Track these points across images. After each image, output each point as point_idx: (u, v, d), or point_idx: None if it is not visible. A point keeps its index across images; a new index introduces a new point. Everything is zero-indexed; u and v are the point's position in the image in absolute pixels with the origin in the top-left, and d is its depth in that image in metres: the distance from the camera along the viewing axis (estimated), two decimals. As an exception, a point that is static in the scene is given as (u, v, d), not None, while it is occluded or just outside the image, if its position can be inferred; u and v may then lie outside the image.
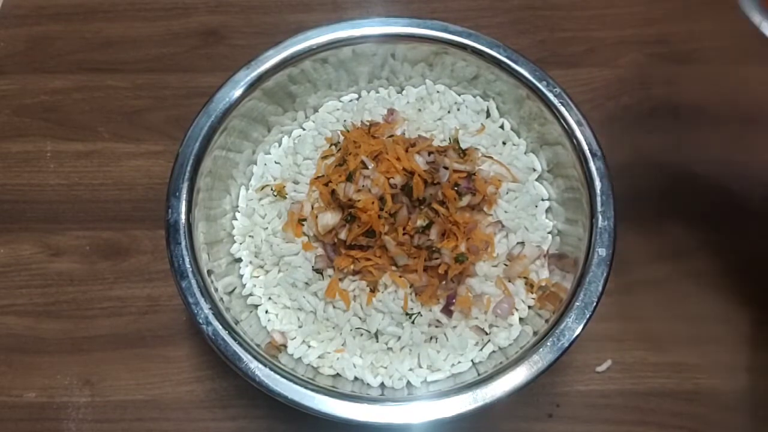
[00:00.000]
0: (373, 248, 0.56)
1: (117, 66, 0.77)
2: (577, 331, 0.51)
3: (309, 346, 0.57)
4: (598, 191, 0.56)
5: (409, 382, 0.55)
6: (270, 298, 0.60)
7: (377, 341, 0.56)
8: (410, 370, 0.56)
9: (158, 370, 0.61)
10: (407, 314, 0.56)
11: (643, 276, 0.66)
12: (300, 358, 0.57)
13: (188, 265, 0.53)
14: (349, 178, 0.57)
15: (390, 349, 0.57)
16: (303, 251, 0.58)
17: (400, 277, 0.56)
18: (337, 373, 0.56)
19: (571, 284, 0.53)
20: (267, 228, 0.61)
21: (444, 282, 0.56)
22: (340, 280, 0.57)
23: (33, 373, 0.61)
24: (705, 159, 0.71)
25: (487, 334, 0.57)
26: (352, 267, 0.56)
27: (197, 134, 0.58)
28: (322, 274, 0.58)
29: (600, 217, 0.55)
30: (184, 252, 0.54)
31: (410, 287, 0.56)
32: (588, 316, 0.51)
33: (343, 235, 0.56)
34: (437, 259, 0.55)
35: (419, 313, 0.56)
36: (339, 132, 0.63)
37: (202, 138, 0.58)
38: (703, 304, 0.64)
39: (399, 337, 0.56)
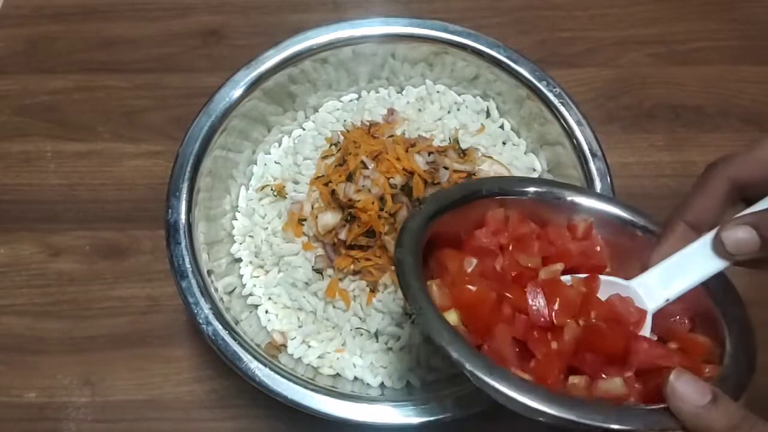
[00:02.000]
0: (373, 248, 0.56)
1: (117, 66, 0.77)
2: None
3: (309, 346, 0.57)
4: (598, 191, 0.56)
5: (409, 382, 0.55)
6: (270, 298, 0.60)
7: (377, 341, 0.56)
8: (410, 370, 0.56)
9: (158, 370, 0.61)
10: (407, 314, 0.56)
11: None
12: (300, 358, 0.57)
13: (188, 265, 0.53)
14: (350, 178, 0.57)
15: (390, 349, 0.56)
16: (303, 251, 0.58)
17: None
18: (337, 373, 0.56)
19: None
20: (267, 228, 0.61)
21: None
22: (340, 280, 0.57)
23: (33, 373, 0.61)
24: (705, 159, 0.70)
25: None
26: (352, 267, 0.56)
27: (197, 134, 0.58)
28: (322, 274, 0.58)
29: (600, 217, 0.55)
30: (184, 252, 0.54)
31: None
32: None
33: (343, 235, 0.56)
34: None
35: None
36: (339, 132, 0.63)
37: (202, 138, 0.58)
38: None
39: (399, 337, 0.56)
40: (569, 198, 0.49)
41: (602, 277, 0.44)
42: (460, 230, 0.48)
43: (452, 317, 0.42)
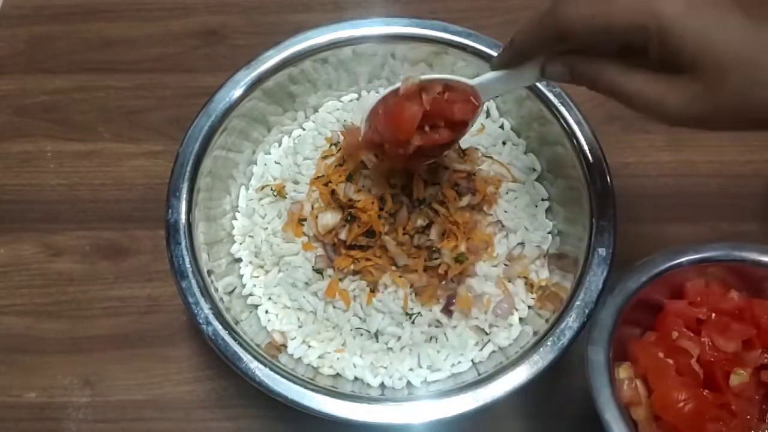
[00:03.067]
0: (373, 248, 0.56)
1: (117, 66, 0.77)
2: (577, 330, 0.51)
3: (309, 346, 0.57)
4: (598, 191, 0.56)
5: (409, 382, 0.55)
6: (270, 298, 0.60)
7: (377, 341, 0.56)
8: (410, 370, 0.56)
9: (158, 370, 0.61)
10: (407, 314, 0.56)
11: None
12: (300, 358, 0.57)
13: (188, 265, 0.53)
14: (349, 179, 0.57)
15: (390, 349, 0.56)
16: (303, 251, 0.58)
17: (400, 277, 0.56)
18: (337, 373, 0.56)
19: (571, 284, 0.53)
20: (267, 228, 0.61)
21: (444, 282, 0.56)
22: (340, 280, 0.57)
23: (33, 373, 0.61)
24: (705, 159, 0.71)
25: (487, 334, 0.57)
26: (352, 267, 0.56)
27: (197, 134, 0.58)
28: (322, 274, 0.58)
29: (600, 217, 0.55)
30: (184, 252, 0.54)
31: (410, 287, 0.56)
32: (588, 315, 0.51)
33: (343, 235, 0.56)
34: (437, 259, 0.55)
35: (419, 313, 0.56)
36: (339, 132, 0.63)
37: (202, 138, 0.58)
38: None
39: (399, 337, 0.56)
40: None
41: (452, 77, 0.50)
42: (656, 298, 0.50)
43: (640, 413, 0.46)
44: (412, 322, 0.56)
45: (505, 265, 0.59)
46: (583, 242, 0.55)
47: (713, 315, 0.49)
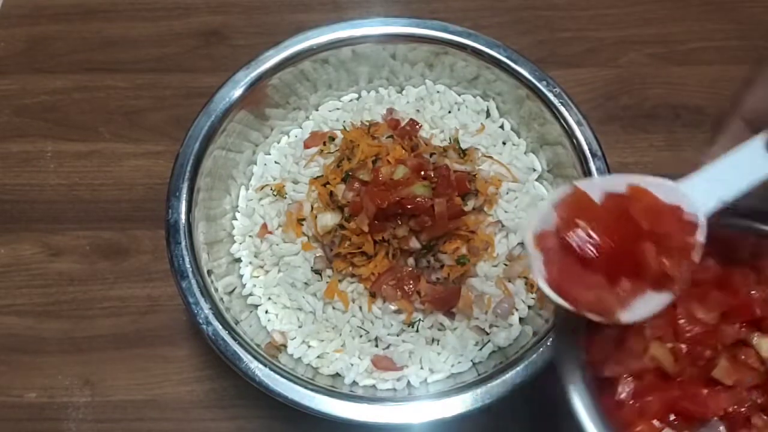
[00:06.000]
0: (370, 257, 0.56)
1: (117, 66, 0.77)
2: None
3: (309, 346, 0.57)
4: None
5: (409, 382, 0.55)
6: (270, 298, 0.60)
7: (377, 346, 0.56)
8: (407, 367, 0.56)
9: (158, 370, 0.61)
10: (410, 324, 0.56)
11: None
12: (300, 358, 0.57)
13: (188, 265, 0.53)
14: (345, 179, 0.57)
15: (389, 349, 0.56)
16: (302, 251, 0.58)
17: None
18: (337, 373, 0.56)
19: (571, 284, 0.53)
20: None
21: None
22: (339, 281, 0.57)
23: (33, 373, 0.61)
24: (705, 159, 0.71)
25: (487, 334, 0.57)
26: (350, 269, 0.56)
27: (197, 134, 0.58)
28: (320, 274, 0.58)
29: (600, 217, 0.55)
30: (184, 252, 0.54)
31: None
32: (588, 316, 0.51)
33: (335, 247, 0.56)
34: (437, 273, 0.55)
35: (420, 319, 0.56)
36: (338, 131, 0.63)
37: (202, 138, 0.58)
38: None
39: (399, 344, 0.56)
40: (753, 228, 0.43)
41: (648, 179, 0.40)
42: None
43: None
44: (416, 330, 0.56)
45: (506, 265, 0.59)
46: (583, 242, 0.54)
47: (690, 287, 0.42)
